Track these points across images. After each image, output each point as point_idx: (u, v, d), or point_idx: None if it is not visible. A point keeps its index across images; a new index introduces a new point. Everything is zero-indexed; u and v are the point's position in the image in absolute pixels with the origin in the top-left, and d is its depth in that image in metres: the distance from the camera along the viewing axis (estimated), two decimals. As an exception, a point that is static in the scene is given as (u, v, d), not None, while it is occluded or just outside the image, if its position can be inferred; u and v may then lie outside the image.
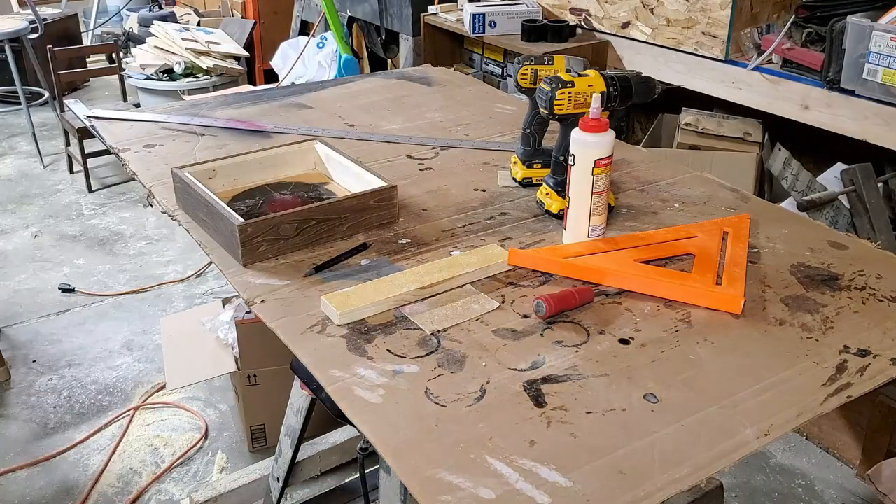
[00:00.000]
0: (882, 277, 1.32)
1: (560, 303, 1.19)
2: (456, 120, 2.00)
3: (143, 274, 3.31)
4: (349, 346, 1.13)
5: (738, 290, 1.23)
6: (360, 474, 1.63)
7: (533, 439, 0.95)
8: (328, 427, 2.14)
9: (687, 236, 1.41)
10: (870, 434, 2.20)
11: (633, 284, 1.26)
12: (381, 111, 2.06)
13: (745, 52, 2.56)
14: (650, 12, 2.77)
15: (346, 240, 1.41)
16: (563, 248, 1.37)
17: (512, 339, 1.15)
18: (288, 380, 1.71)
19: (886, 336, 1.17)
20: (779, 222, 1.50)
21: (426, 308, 1.21)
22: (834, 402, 1.04)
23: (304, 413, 1.66)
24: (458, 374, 1.07)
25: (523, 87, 1.57)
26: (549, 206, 1.49)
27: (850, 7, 2.28)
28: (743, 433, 0.97)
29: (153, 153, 1.77)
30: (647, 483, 0.89)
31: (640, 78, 1.48)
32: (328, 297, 1.20)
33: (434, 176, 1.69)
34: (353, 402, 1.02)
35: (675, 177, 1.69)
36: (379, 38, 4.14)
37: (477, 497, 0.87)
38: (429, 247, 1.39)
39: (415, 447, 0.94)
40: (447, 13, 3.44)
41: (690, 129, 2.74)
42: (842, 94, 2.26)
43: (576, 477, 0.90)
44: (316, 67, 4.22)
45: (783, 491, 2.24)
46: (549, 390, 1.04)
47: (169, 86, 4.49)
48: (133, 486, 2.24)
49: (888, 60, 2.10)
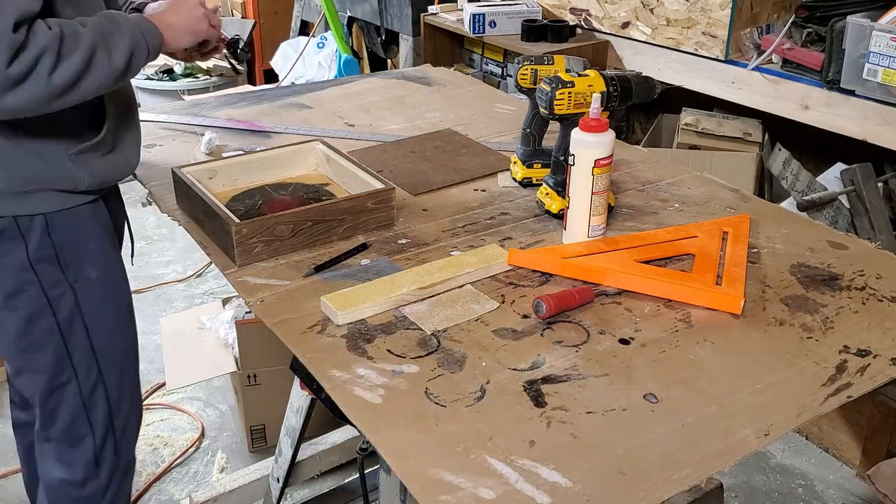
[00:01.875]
0: (882, 277, 1.32)
1: (560, 303, 1.19)
2: (456, 120, 2.00)
3: (142, 274, 3.30)
4: (349, 346, 1.13)
5: (738, 290, 1.23)
6: (360, 474, 1.63)
7: (533, 439, 0.95)
8: (328, 427, 2.15)
9: (687, 236, 1.41)
10: (870, 434, 2.20)
11: (633, 284, 1.26)
12: (381, 111, 2.06)
13: (745, 52, 2.56)
14: (650, 12, 2.77)
15: (346, 241, 1.41)
16: (563, 248, 1.37)
17: (512, 339, 1.15)
18: (288, 380, 1.71)
19: (886, 336, 1.17)
20: (779, 222, 1.50)
21: (426, 308, 1.22)
22: (834, 402, 1.04)
23: (304, 413, 1.66)
24: (457, 374, 1.07)
25: (523, 87, 1.57)
26: (549, 206, 1.49)
27: (850, 7, 2.28)
28: (743, 433, 0.97)
29: (153, 153, 1.77)
30: (647, 483, 0.89)
31: (640, 78, 1.48)
32: (328, 297, 1.20)
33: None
34: (353, 402, 1.02)
35: (675, 177, 1.69)
36: (379, 38, 4.14)
37: (477, 497, 0.87)
38: (429, 247, 1.39)
39: (415, 447, 0.94)
40: (447, 13, 3.44)
41: (690, 129, 2.74)
42: (842, 94, 2.26)
43: (576, 477, 0.90)
44: (316, 67, 4.22)
45: (783, 491, 2.24)
46: (549, 390, 1.04)
47: (169, 86, 4.48)
48: (133, 486, 2.24)
49: (888, 60, 2.10)
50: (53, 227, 1.32)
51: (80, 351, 1.41)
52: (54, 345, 1.39)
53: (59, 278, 1.35)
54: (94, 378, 1.44)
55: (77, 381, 1.42)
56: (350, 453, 2.13)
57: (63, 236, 1.34)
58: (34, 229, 1.31)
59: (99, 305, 1.41)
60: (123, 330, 1.49)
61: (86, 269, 1.38)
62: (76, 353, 1.41)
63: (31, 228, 1.31)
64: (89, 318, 1.40)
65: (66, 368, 1.41)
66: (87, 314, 1.40)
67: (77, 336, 1.40)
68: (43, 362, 1.40)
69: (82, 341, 1.41)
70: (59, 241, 1.33)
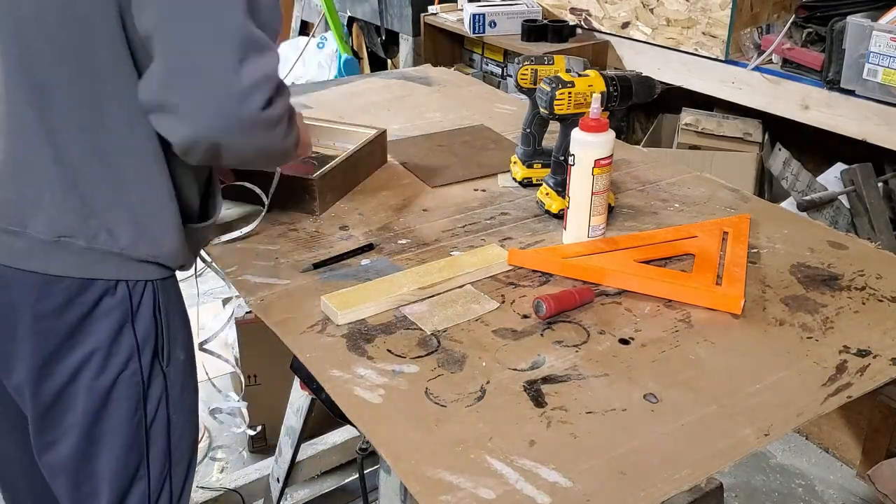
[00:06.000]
0: (882, 277, 1.32)
1: (560, 303, 1.19)
2: (456, 120, 2.00)
3: (143, 274, 3.30)
4: (349, 346, 1.13)
5: (738, 290, 1.23)
6: (360, 474, 1.63)
7: (533, 439, 0.95)
8: (328, 427, 2.15)
9: (687, 236, 1.41)
10: (870, 434, 2.20)
11: (633, 284, 1.26)
12: (381, 111, 2.06)
13: (745, 52, 2.56)
14: (650, 12, 2.77)
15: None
16: (563, 248, 1.37)
17: (512, 339, 1.15)
18: (288, 380, 1.71)
19: (886, 336, 1.17)
20: (779, 222, 1.50)
21: (426, 308, 1.21)
22: (834, 402, 1.04)
23: (304, 413, 1.66)
24: (457, 374, 1.07)
25: (523, 87, 1.57)
26: (549, 206, 1.49)
27: (850, 7, 2.28)
28: (743, 433, 0.97)
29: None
30: (647, 483, 0.89)
31: (640, 78, 1.48)
32: (328, 297, 1.20)
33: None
34: (353, 402, 1.02)
35: (675, 177, 1.69)
36: (379, 38, 4.14)
37: (477, 497, 0.87)
38: (429, 247, 1.39)
39: (415, 447, 0.94)
40: (447, 13, 3.44)
41: (690, 129, 2.74)
42: (842, 94, 2.26)
43: (576, 477, 0.90)
44: (316, 67, 4.22)
45: (783, 491, 2.24)
46: (549, 390, 1.04)
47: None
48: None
49: (888, 60, 2.10)
50: (159, 301, 1.13)
51: (157, 447, 1.19)
52: (139, 445, 1.17)
53: (155, 364, 1.15)
54: (163, 477, 1.22)
55: (148, 481, 1.19)
56: (350, 453, 2.13)
57: (165, 312, 1.15)
58: (145, 304, 1.11)
59: (181, 393, 1.22)
60: (196, 420, 1.30)
61: (176, 350, 1.19)
62: (153, 449, 1.19)
63: (143, 302, 1.11)
64: (172, 409, 1.20)
65: (142, 468, 1.19)
66: (171, 404, 1.20)
67: (158, 431, 1.19)
68: (123, 466, 1.17)
69: (162, 436, 1.20)
70: (163, 318, 1.14)
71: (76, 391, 1.10)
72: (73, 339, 1.07)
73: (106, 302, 1.07)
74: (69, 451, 1.14)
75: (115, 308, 1.08)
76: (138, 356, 1.12)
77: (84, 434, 1.13)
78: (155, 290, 1.12)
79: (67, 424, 1.12)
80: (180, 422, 1.23)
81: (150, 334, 1.13)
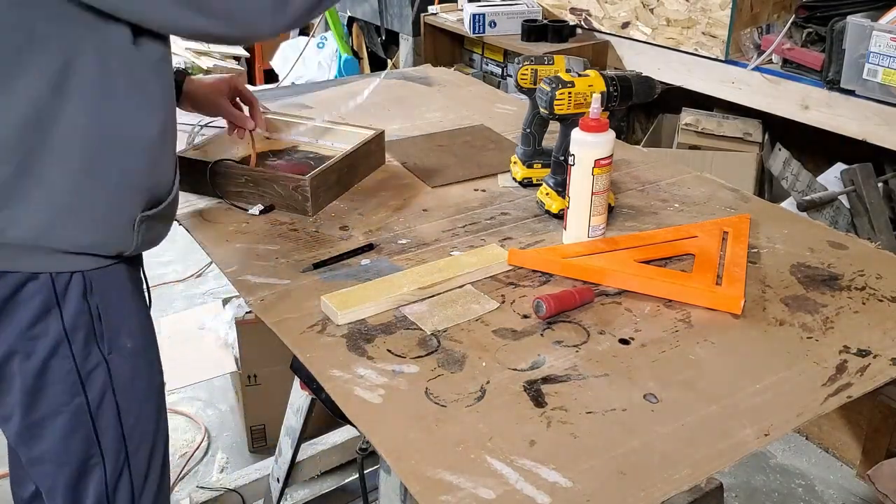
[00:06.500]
0: (882, 277, 1.32)
1: (560, 303, 1.19)
2: (456, 120, 2.00)
3: (143, 274, 3.31)
4: (349, 346, 1.13)
5: (738, 290, 1.23)
6: (360, 474, 1.63)
7: (533, 439, 0.95)
8: (328, 427, 2.15)
9: (687, 236, 1.41)
10: (870, 434, 2.20)
11: (633, 284, 1.26)
12: (381, 111, 2.06)
13: (745, 52, 2.56)
14: (650, 12, 2.77)
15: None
16: (563, 248, 1.37)
17: (512, 339, 1.15)
18: (288, 380, 1.70)
19: (886, 336, 1.17)
20: (779, 222, 1.50)
21: (426, 308, 1.21)
22: (834, 402, 1.04)
23: (304, 413, 1.66)
24: (457, 374, 1.07)
25: (523, 87, 1.57)
26: (549, 206, 1.49)
27: (850, 7, 2.28)
28: (743, 433, 0.97)
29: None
30: (647, 483, 0.89)
31: (640, 78, 1.48)
32: (328, 297, 1.20)
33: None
34: (353, 402, 1.02)
35: (675, 177, 1.69)
36: (379, 38, 4.14)
37: (477, 497, 0.87)
38: (429, 247, 1.39)
39: (415, 447, 0.94)
40: (447, 13, 3.44)
41: (690, 129, 2.74)
42: (842, 94, 2.26)
43: (576, 477, 0.90)
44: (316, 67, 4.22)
45: (783, 491, 2.24)
46: (549, 390, 1.04)
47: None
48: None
49: (888, 60, 2.10)
50: (91, 289, 1.13)
51: (109, 434, 1.21)
52: (84, 430, 1.18)
53: (93, 350, 1.15)
54: (120, 462, 1.24)
55: (104, 467, 1.22)
56: (350, 453, 2.13)
57: (100, 299, 1.14)
58: (72, 291, 1.11)
59: (131, 380, 1.22)
60: (154, 408, 1.29)
61: (121, 338, 1.19)
62: (105, 436, 1.20)
63: (69, 290, 1.10)
64: (121, 396, 1.20)
65: (94, 454, 1.21)
66: (118, 391, 1.20)
67: (107, 417, 1.20)
68: (70, 450, 1.19)
69: (112, 423, 1.21)
70: (96, 306, 1.14)
71: (11, 373, 1.13)
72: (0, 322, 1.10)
73: (28, 288, 1.08)
74: (16, 428, 1.18)
75: (36, 293, 1.09)
76: (68, 342, 1.12)
77: (24, 415, 1.16)
78: (85, 278, 1.11)
79: (10, 405, 1.16)
80: (133, 409, 1.23)
81: (81, 321, 1.13)
